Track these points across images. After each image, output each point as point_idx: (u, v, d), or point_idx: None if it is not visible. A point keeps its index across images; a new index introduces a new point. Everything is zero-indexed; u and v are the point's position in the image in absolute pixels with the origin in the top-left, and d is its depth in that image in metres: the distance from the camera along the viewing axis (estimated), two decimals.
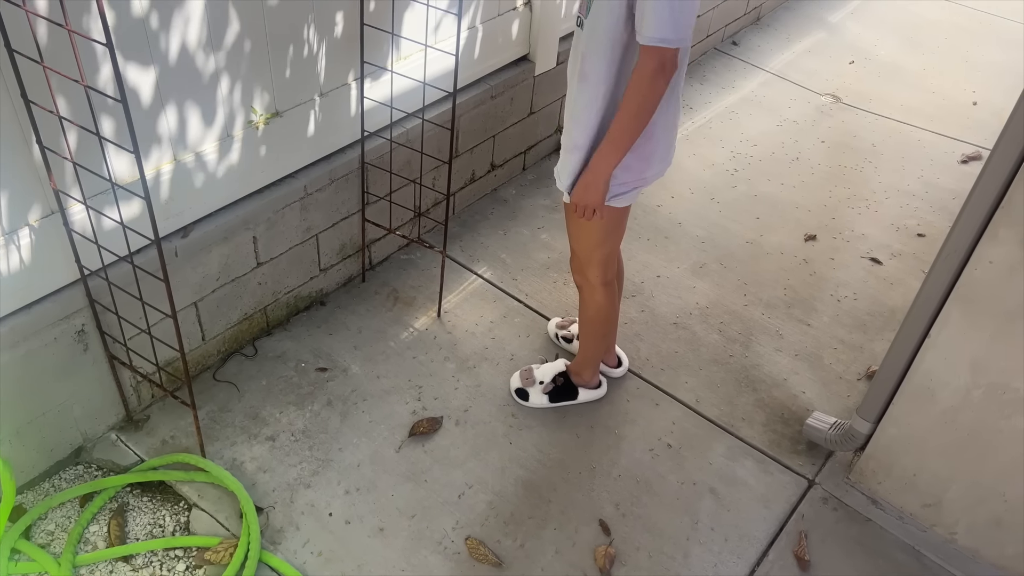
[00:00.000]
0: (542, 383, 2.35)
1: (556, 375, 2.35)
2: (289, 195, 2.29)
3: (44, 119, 1.64)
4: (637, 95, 1.68)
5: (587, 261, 2.07)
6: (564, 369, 2.37)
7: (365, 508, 2.08)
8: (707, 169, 3.40)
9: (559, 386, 2.35)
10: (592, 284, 2.11)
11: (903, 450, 2.10)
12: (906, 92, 4.02)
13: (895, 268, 2.99)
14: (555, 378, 2.35)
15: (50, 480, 2.07)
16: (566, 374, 2.36)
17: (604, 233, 2.01)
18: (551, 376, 2.36)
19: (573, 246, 2.09)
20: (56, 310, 1.89)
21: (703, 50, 4.14)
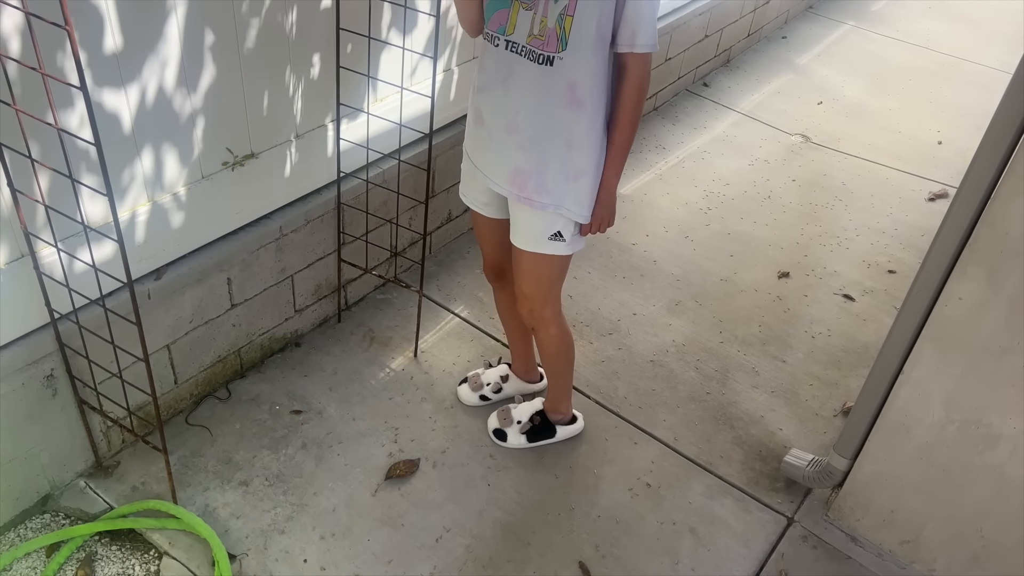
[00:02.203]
0: (519, 423, 2.34)
1: (533, 414, 2.34)
2: (264, 236, 2.28)
3: (15, 161, 1.63)
4: (637, 106, 1.76)
5: (544, 300, 2.06)
6: (541, 408, 2.36)
7: (341, 554, 2.05)
8: (681, 208, 3.44)
9: (536, 425, 2.33)
10: (547, 320, 2.10)
11: (880, 486, 2.11)
12: (873, 132, 4.11)
13: (867, 304, 3.03)
14: (532, 417, 2.34)
15: (15, 529, 2.02)
16: (543, 412, 2.35)
17: (564, 268, 2.03)
18: (528, 415, 2.34)
19: (527, 289, 2.05)
20: (24, 354, 1.86)
21: (675, 91, 4.21)
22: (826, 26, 5.20)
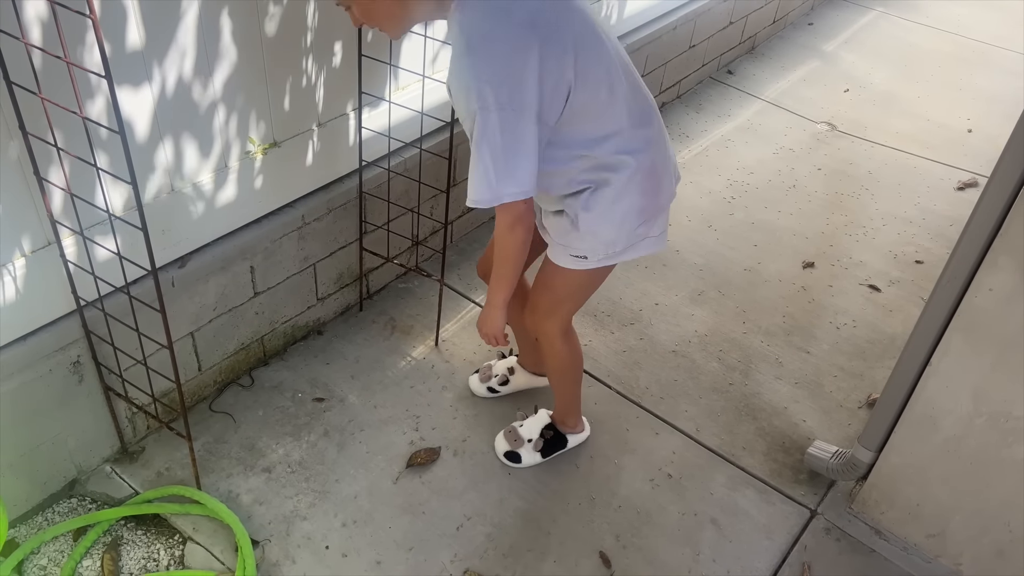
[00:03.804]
0: (531, 441, 2.26)
1: (543, 429, 2.27)
2: (287, 224, 2.28)
3: (41, 150, 1.64)
4: (502, 248, 1.72)
5: (549, 312, 1.98)
6: (549, 420, 2.29)
7: (362, 541, 2.06)
8: (704, 197, 3.41)
9: (548, 439, 2.26)
10: (549, 335, 2.02)
11: (906, 479, 2.08)
12: (901, 120, 4.04)
13: (894, 295, 2.99)
14: (543, 432, 2.26)
15: (43, 513, 2.05)
16: (552, 425, 2.28)
17: (581, 289, 1.94)
18: (538, 431, 2.26)
19: (536, 297, 1.97)
20: (51, 341, 1.88)
21: (699, 79, 4.17)
22: (853, 12, 5.12)
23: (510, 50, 1.48)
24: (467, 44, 1.49)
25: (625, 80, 1.67)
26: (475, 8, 1.50)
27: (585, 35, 1.59)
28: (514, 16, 1.49)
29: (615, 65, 1.65)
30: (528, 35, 1.48)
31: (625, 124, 1.68)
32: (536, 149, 1.55)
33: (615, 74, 1.64)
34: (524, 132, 1.52)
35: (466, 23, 1.50)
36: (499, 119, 1.48)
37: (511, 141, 1.51)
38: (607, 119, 1.66)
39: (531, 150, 1.54)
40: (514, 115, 1.49)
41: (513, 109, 1.49)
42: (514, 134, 1.51)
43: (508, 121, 1.49)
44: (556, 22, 1.53)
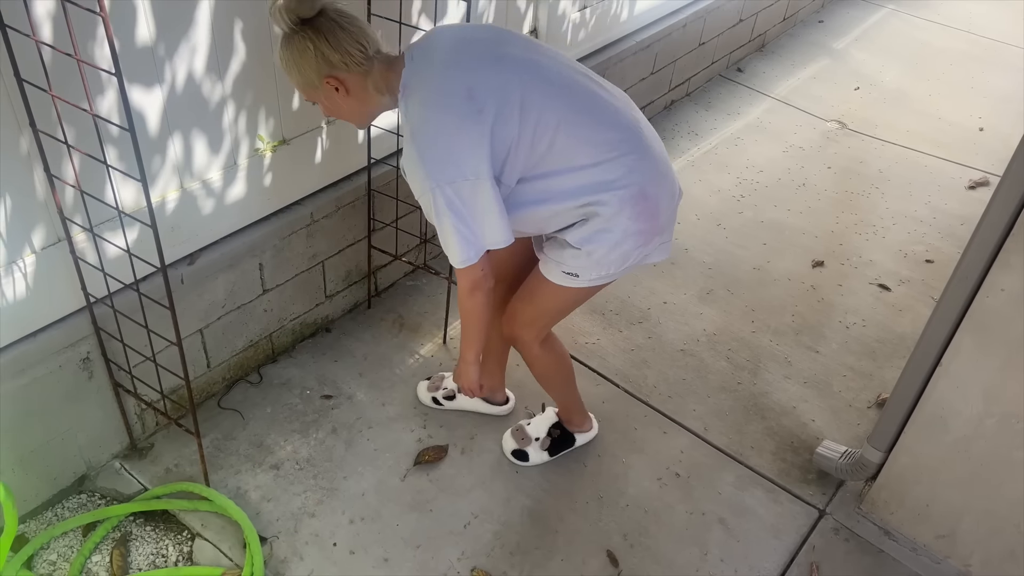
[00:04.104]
0: (538, 439, 2.25)
1: (551, 427, 2.25)
2: (295, 222, 2.29)
3: (51, 147, 1.65)
4: (464, 312, 1.78)
5: (528, 324, 1.96)
6: (557, 419, 2.27)
7: (370, 538, 2.06)
8: (713, 195, 3.40)
9: (556, 438, 2.25)
10: (527, 343, 1.99)
11: (915, 480, 2.07)
12: (912, 118, 4.02)
13: (904, 294, 2.97)
14: (550, 431, 2.25)
15: (53, 509, 2.06)
16: (560, 423, 2.26)
17: (571, 306, 1.94)
18: (545, 430, 2.25)
19: (520, 307, 1.94)
20: (61, 338, 1.89)
21: (708, 77, 4.15)
22: (864, 9, 5.09)
23: (452, 130, 1.57)
24: (412, 131, 1.60)
25: (587, 117, 1.67)
26: (416, 96, 1.60)
27: (529, 89, 1.61)
28: (451, 96, 1.57)
29: (569, 108, 1.65)
30: (467, 110, 1.56)
31: (595, 160, 1.66)
32: (498, 206, 1.61)
33: (570, 118, 1.64)
34: (482, 196, 1.58)
35: (410, 111, 1.61)
36: (454, 191, 1.56)
37: (472, 207, 1.59)
38: (574, 161, 1.66)
39: (494, 209, 1.60)
40: (468, 185, 1.57)
41: (465, 179, 1.56)
42: (473, 200, 1.58)
43: (462, 190, 1.57)
44: (495, 88, 1.58)
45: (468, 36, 1.68)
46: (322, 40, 1.59)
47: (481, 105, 1.56)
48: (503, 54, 1.64)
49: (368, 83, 1.66)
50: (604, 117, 1.69)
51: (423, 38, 1.70)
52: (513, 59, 1.64)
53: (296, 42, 1.60)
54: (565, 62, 1.72)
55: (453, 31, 1.70)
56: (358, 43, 1.61)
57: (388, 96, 1.68)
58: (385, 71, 1.66)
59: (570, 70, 1.70)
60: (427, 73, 1.61)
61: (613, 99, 1.73)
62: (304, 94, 1.71)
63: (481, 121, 1.56)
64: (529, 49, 1.69)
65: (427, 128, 1.58)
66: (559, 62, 1.70)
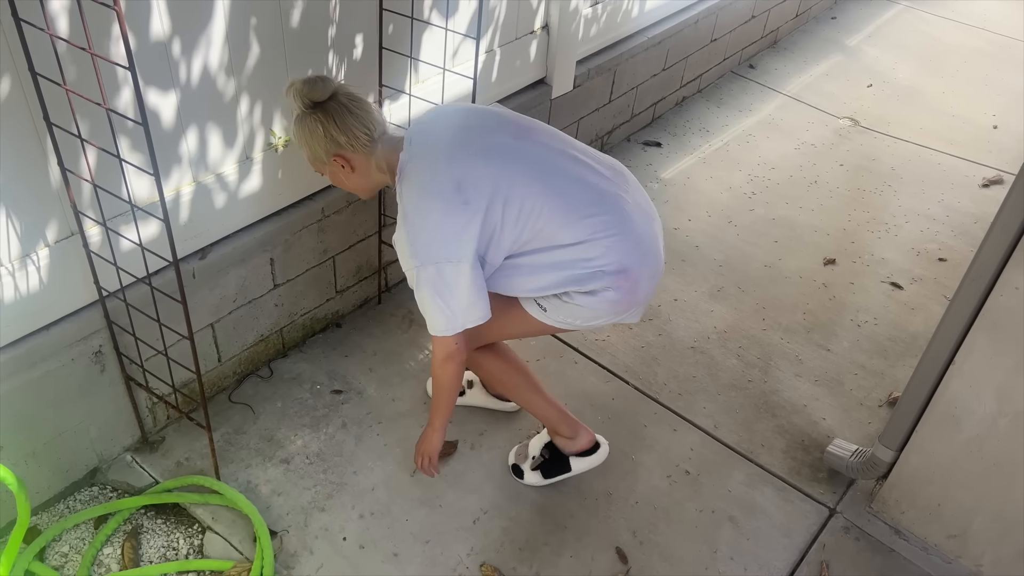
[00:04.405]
0: (532, 457, 2.21)
1: (543, 448, 2.19)
2: (307, 217, 2.29)
3: (65, 141, 1.66)
4: (436, 379, 1.88)
5: (480, 340, 1.97)
6: (548, 438, 2.19)
7: (379, 533, 2.06)
8: (724, 192, 3.39)
9: (547, 459, 2.17)
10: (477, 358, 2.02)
11: (927, 479, 2.06)
12: (925, 116, 3.99)
13: (916, 293, 2.96)
14: (542, 451, 2.19)
15: (65, 501, 2.07)
16: (551, 443, 2.18)
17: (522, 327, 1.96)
18: (539, 449, 2.20)
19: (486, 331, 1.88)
20: (74, 331, 1.90)
21: (720, 73, 4.14)
22: (877, 6, 5.06)
23: (439, 217, 1.69)
24: (403, 213, 1.73)
25: (570, 200, 1.75)
26: (410, 181, 1.73)
27: (514, 181, 1.71)
28: (440, 186, 1.70)
29: (552, 194, 1.73)
30: (454, 200, 1.68)
31: (577, 239, 1.75)
32: (478, 288, 1.73)
33: (552, 204, 1.73)
34: (463, 278, 1.70)
35: (404, 194, 1.74)
36: (436, 271, 1.69)
37: (453, 287, 1.70)
38: (556, 240, 1.76)
39: (473, 291, 1.72)
40: (450, 267, 1.69)
41: (448, 262, 1.69)
42: (455, 280, 1.70)
43: (444, 271, 1.69)
44: (481, 180, 1.70)
45: (463, 124, 1.80)
46: (331, 123, 1.73)
47: (467, 197, 1.68)
48: (493, 145, 1.76)
49: (371, 162, 1.80)
50: (588, 199, 1.78)
51: (423, 121, 1.83)
52: (502, 150, 1.75)
53: (308, 122, 1.74)
54: (554, 144, 1.82)
55: (450, 118, 1.83)
56: (364, 127, 1.75)
57: (388, 175, 1.81)
58: (387, 152, 1.79)
59: (557, 153, 1.80)
60: (421, 161, 1.74)
61: (599, 179, 1.81)
62: (313, 166, 1.85)
63: (467, 211, 1.68)
64: (520, 135, 1.80)
65: (417, 213, 1.71)
66: (547, 146, 1.80)
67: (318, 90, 1.72)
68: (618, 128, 3.56)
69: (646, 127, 3.76)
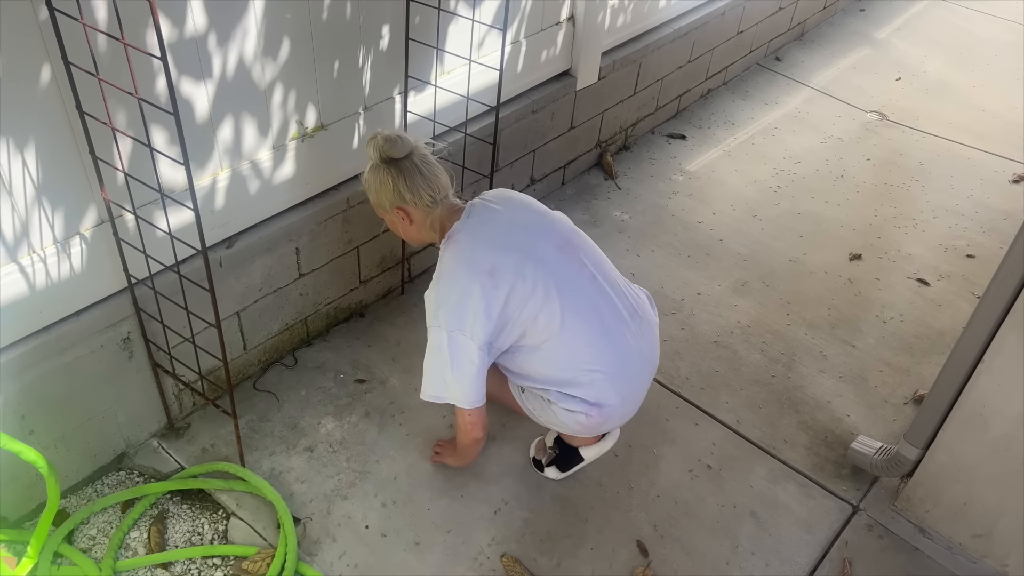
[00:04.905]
0: (550, 450, 2.22)
1: (554, 442, 2.22)
2: (332, 207, 2.30)
3: (97, 130, 1.67)
4: (462, 436, 2.02)
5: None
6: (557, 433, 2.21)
7: (401, 521, 2.08)
8: (749, 185, 3.36)
9: (559, 453, 2.20)
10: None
11: (953, 478, 2.04)
12: (955, 110, 3.94)
13: (943, 289, 2.92)
14: (552, 446, 2.21)
15: (93, 485, 2.10)
16: (559, 438, 2.21)
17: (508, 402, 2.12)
18: (551, 442, 2.22)
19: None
20: (103, 318, 1.92)
21: (746, 65, 4.10)
22: None
23: (466, 288, 1.81)
24: (438, 274, 1.87)
25: (582, 329, 1.87)
26: (454, 248, 1.86)
27: (540, 290, 1.82)
28: (478, 265, 1.82)
29: (570, 317, 1.85)
30: (485, 283, 1.80)
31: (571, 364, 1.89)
32: (479, 370, 1.84)
33: (566, 326, 1.85)
34: (468, 354, 1.82)
35: (445, 257, 1.87)
36: (448, 338, 1.81)
37: (457, 358, 1.82)
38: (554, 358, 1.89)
39: (475, 370, 1.84)
40: (462, 338, 1.81)
41: (462, 333, 1.81)
42: (461, 353, 1.82)
43: (455, 340, 1.81)
44: (514, 277, 1.81)
45: (519, 220, 1.92)
46: (401, 180, 1.85)
47: (497, 283, 1.81)
48: (535, 248, 1.87)
49: (428, 220, 1.92)
50: (596, 330, 1.89)
51: (488, 199, 1.95)
52: (540, 257, 1.86)
53: (381, 174, 1.87)
54: (590, 268, 1.92)
55: (511, 210, 1.94)
56: (430, 190, 1.87)
57: (438, 234, 1.93)
58: (444, 216, 1.91)
59: (588, 278, 1.91)
60: (470, 236, 1.87)
61: (613, 315, 1.91)
62: (376, 211, 1.98)
63: (493, 296, 1.81)
64: (563, 248, 1.90)
65: (450, 279, 1.84)
66: (582, 267, 1.91)
67: (396, 148, 1.84)
68: (642, 120, 3.54)
69: (671, 119, 3.74)
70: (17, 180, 1.65)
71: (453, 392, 1.87)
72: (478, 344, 1.81)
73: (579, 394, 1.90)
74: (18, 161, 1.63)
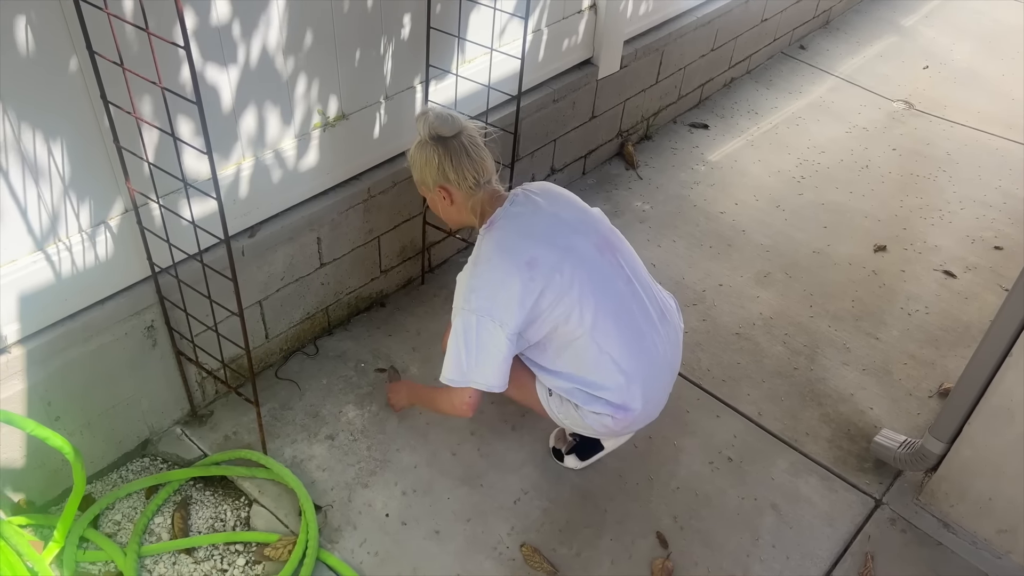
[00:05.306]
0: (570, 439, 2.22)
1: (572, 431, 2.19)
2: (353, 197, 2.30)
3: (121, 120, 1.68)
4: (443, 407, 1.97)
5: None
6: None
7: (421, 510, 2.09)
8: (772, 176, 3.33)
9: (579, 442, 2.19)
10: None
11: (978, 473, 2.02)
12: (983, 99, 3.87)
13: (970, 282, 2.88)
14: (571, 435, 2.21)
15: (117, 471, 2.13)
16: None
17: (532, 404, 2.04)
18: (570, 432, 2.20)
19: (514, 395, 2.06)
20: (127, 306, 1.94)
21: (770, 54, 4.05)
22: None
23: (503, 276, 1.79)
24: (475, 259, 1.85)
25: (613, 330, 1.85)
26: (494, 235, 1.84)
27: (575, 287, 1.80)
28: (517, 255, 1.80)
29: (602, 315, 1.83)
30: (522, 274, 1.78)
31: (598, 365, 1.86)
32: (505, 356, 1.81)
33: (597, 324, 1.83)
34: (496, 340, 1.78)
35: (484, 243, 1.85)
36: (477, 321, 1.78)
37: (484, 343, 1.79)
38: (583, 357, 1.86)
39: (501, 356, 1.80)
40: (491, 324, 1.78)
41: (491, 319, 1.78)
42: (489, 338, 1.78)
43: (484, 326, 1.78)
44: (554, 271, 1.79)
45: (561, 215, 1.90)
46: (447, 159, 1.84)
47: (534, 275, 1.78)
48: (574, 245, 1.85)
49: (469, 203, 1.90)
50: (627, 334, 1.87)
51: (532, 191, 1.93)
52: (579, 254, 1.84)
53: (427, 151, 1.85)
54: (626, 269, 1.91)
55: (554, 203, 1.91)
56: (475, 171, 1.86)
57: (478, 219, 1.92)
58: (487, 200, 1.90)
59: (624, 280, 1.89)
60: (512, 224, 1.85)
61: (645, 319, 1.90)
62: (418, 188, 1.96)
63: (529, 288, 1.78)
64: (601, 248, 1.88)
65: (487, 265, 1.82)
66: (618, 268, 1.90)
67: (447, 127, 1.83)
68: (664, 109, 3.51)
69: (693, 108, 3.70)
70: (44, 170, 1.66)
71: (475, 377, 1.82)
72: (507, 333, 1.79)
73: (605, 396, 1.88)
74: (44, 151, 1.65)
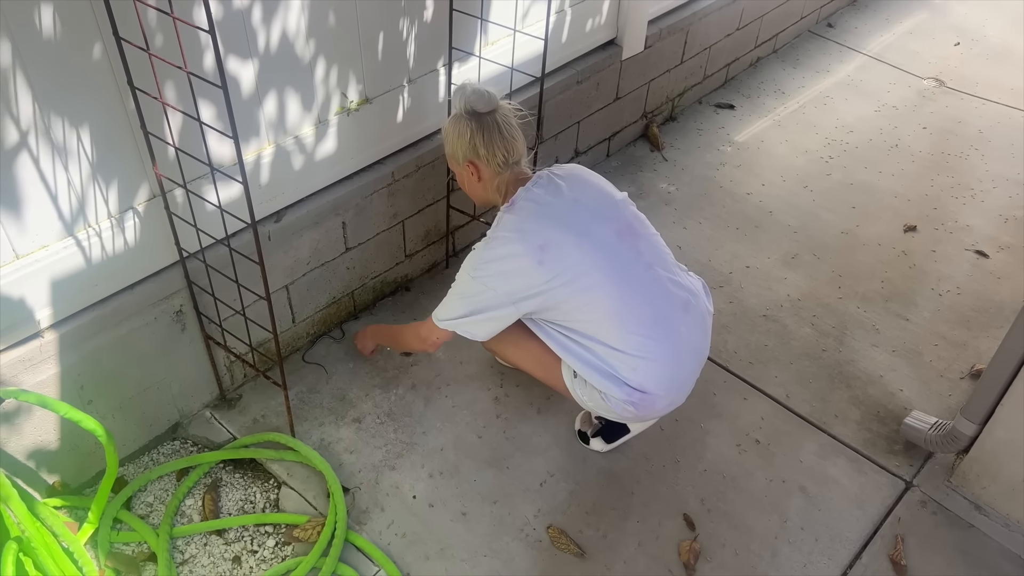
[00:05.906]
0: (596, 422, 2.21)
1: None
2: (377, 181, 2.31)
3: (148, 105, 1.69)
4: (407, 341, 2.12)
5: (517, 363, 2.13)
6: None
7: (448, 492, 2.10)
8: (800, 156, 3.28)
9: (605, 424, 2.19)
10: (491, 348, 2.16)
11: (1011, 454, 1.99)
12: (1016, 75, 3.78)
13: (1003, 261, 2.83)
14: (597, 417, 2.20)
15: (149, 454, 2.16)
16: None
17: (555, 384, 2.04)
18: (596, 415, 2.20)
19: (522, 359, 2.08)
20: (156, 291, 1.96)
21: (796, 32, 3.99)
22: None
23: (512, 257, 1.82)
24: (491, 235, 1.88)
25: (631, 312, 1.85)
26: (514, 215, 1.87)
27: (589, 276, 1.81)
28: (532, 236, 1.83)
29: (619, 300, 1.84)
30: (534, 255, 1.80)
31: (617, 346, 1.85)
32: (501, 325, 1.88)
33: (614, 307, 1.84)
34: (497, 310, 1.84)
35: (502, 220, 1.88)
36: (483, 290, 1.83)
37: (482, 308, 1.84)
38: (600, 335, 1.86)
39: (496, 325, 1.87)
40: (495, 296, 1.83)
41: (496, 293, 1.83)
42: (490, 306, 1.84)
43: (487, 297, 1.84)
44: (563, 256, 1.80)
45: (582, 199, 1.90)
46: (479, 134, 1.87)
47: (544, 259, 1.80)
48: (593, 231, 1.85)
49: (495, 182, 1.94)
50: (647, 318, 1.87)
51: (558, 173, 1.94)
52: (597, 239, 1.85)
53: (460, 125, 1.89)
54: (647, 256, 1.90)
55: (577, 187, 1.92)
56: (505, 150, 1.89)
57: (502, 198, 1.95)
58: (512, 180, 1.92)
59: (644, 266, 1.89)
60: (532, 206, 1.87)
61: (668, 304, 1.89)
62: (448, 162, 2.01)
63: (539, 271, 1.81)
64: (622, 234, 1.88)
65: (501, 242, 1.85)
66: (639, 254, 1.89)
67: (483, 102, 1.86)
68: (690, 90, 3.47)
69: (719, 89, 3.66)
70: (73, 157, 1.68)
71: (466, 328, 1.90)
72: (506, 307, 1.84)
73: (624, 378, 1.87)
74: (73, 138, 1.66)
